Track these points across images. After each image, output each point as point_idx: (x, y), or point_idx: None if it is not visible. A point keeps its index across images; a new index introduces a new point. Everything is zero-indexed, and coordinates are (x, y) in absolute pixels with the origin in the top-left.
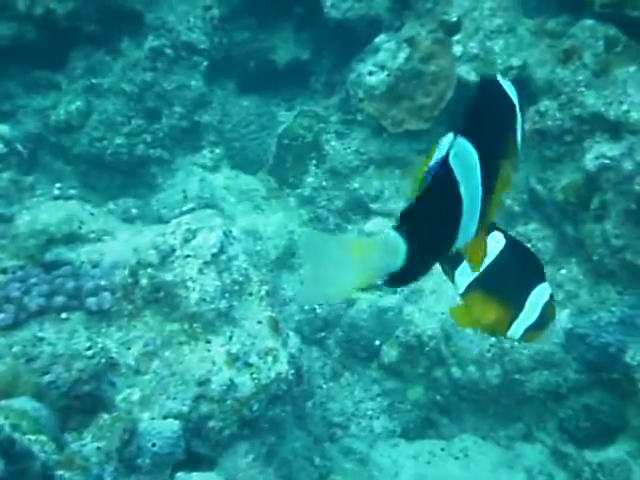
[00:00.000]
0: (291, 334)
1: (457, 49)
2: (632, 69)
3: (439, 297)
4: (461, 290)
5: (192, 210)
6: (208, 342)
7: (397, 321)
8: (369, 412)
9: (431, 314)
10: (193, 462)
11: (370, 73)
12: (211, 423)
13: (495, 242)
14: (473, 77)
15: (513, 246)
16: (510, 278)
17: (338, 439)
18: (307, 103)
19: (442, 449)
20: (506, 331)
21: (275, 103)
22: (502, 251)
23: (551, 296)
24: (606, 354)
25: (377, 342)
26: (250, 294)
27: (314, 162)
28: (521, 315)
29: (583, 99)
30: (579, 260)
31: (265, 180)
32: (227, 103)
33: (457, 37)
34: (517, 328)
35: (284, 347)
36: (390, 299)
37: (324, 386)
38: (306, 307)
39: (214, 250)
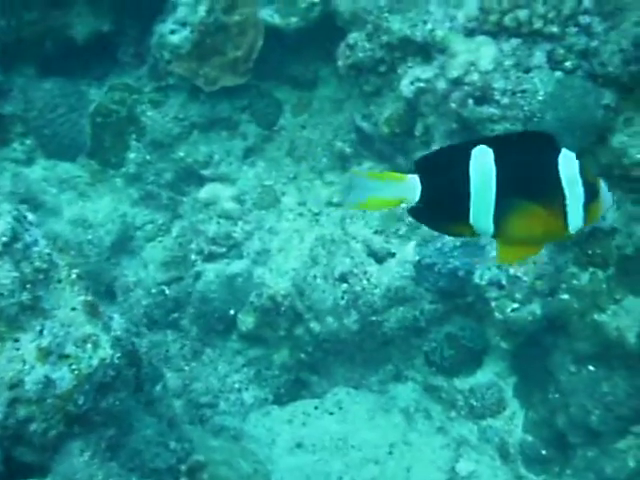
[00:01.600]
0: (115, 316)
1: None
2: None
3: (287, 254)
4: (490, 229)
5: None
6: (16, 341)
7: (248, 286)
8: (236, 385)
9: (282, 273)
10: (22, 472)
11: (172, 32)
12: (32, 426)
13: (482, 158)
14: (278, 20)
15: (502, 146)
16: (527, 178)
17: (208, 419)
18: (121, 78)
19: (316, 407)
20: (566, 229)
21: (85, 83)
22: (497, 161)
23: (578, 158)
24: (456, 279)
25: (232, 312)
26: (59, 281)
27: (134, 137)
28: (568, 202)
29: (389, 25)
30: None
31: (86, 164)
32: (29, 89)
33: None
34: (574, 217)
35: (106, 331)
36: (238, 264)
37: (186, 368)
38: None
39: (4, 239)
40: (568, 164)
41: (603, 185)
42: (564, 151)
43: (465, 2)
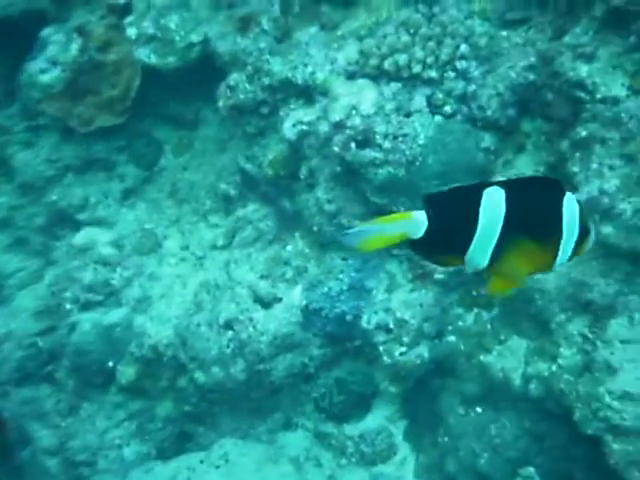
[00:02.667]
0: None
1: (131, 32)
2: (313, 30)
3: (169, 301)
4: (485, 262)
5: None
6: None
7: (128, 336)
8: (117, 441)
9: (164, 321)
10: None
11: (42, 71)
12: None
13: (493, 197)
14: (154, 60)
15: (514, 188)
16: (533, 217)
17: (86, 478)
18: None
19: (201, 461)
20: (553, 263)
21: None
22: (507, 200)
23: (577, 201)
24: (344, 323)
25: (110, 363)
26: None
27: (3, 179)
28: (563, 240)
29: (269, 67)
30: (302, 233)
31: None
32: None
33: (129, 19)
34: (564, 253)
35: None
36: (116, 313)
37: (62, 424)
38: None
39: None
40: (570, 206)
41: (592, 224)
42: (568, 194)
43: (345, 45)
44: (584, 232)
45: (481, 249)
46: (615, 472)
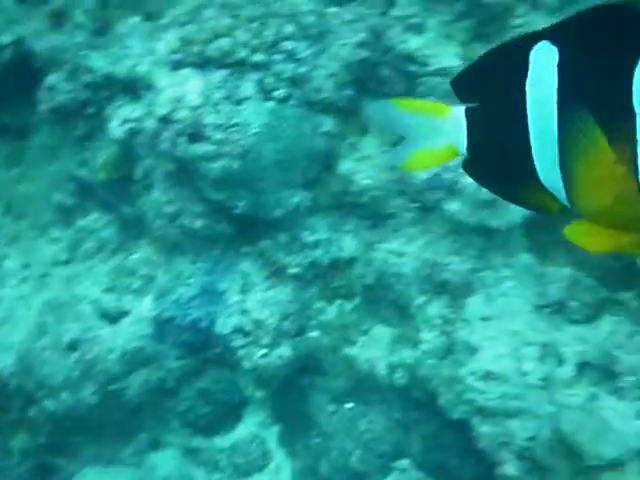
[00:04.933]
0: None
1: None
2: (135, 20)
3: (12, 326)
4: (560, 187)
5: None
6: None
7: None
8: None
9: (6, 348)
10: None
11: None
12: None
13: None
14: None
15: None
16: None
17: None
18: None
19: None
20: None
21: None
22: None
23: None
24: (199, 330)
25: None
26: None
27: None
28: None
29: (89, 63)
30: (148, 239)
31: None
32: None
33: None
34: None
35: None
36: None
37: None
38: None
39: None
40: None
41: None
42: None
43: (167, 34)
44: None
45: (546, 158)
46: (486, 455)
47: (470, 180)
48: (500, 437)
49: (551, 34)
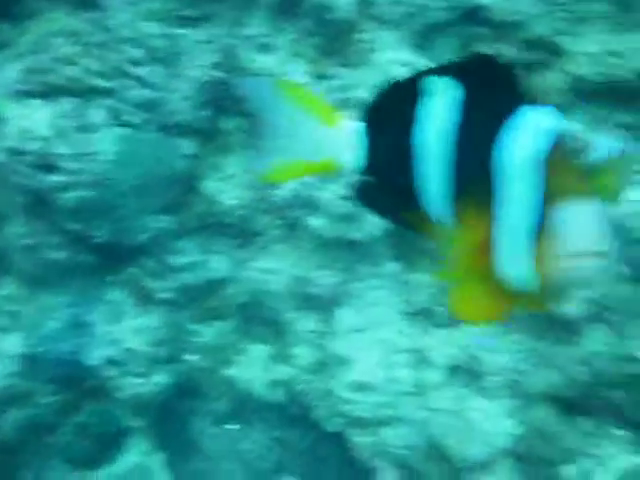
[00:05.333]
0: None
1: None
2: None
3: None
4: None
5: None
6: None
7: None
8: None
9: None
10: None
11: None
12: None
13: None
14: None
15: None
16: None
17: None
18: None
19: None
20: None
21: None
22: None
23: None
24: (70, 364)
25: None
26: None
27: None
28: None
29: None
30: (10, 274)
31: None
32: None
33: None
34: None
35: None
36: None
37: None
38: None
39: None
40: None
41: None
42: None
43: (12, 63)
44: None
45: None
46: (363, 465)
47: (329, 195)
48: (376, 446)
49: (441, 71)
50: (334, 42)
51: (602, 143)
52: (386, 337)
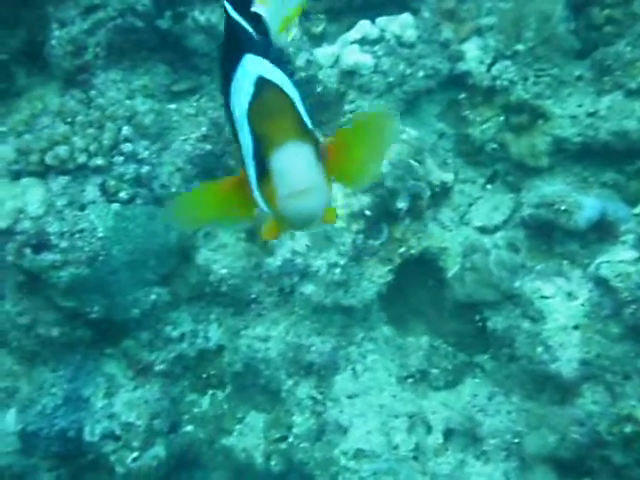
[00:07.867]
0: None
1: None
2: None
3: None
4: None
5: None
6: None
7: None
8: None
9: None
10: None
11: None
12: None
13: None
14: None
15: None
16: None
17: None
18: None
19: None
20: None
21: None
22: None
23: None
24: (68, 440)
25: None
26: None
27: None
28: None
29: None
30: (7, 352)
31: None
32: None
33: None
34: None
35: None
36: None
37: None
38: None
39: None
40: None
41: None
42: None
43: (3, 145)
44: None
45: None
46: None
47: (321, 262)
48: None
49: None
50: (323, 113)
51: (588, 203)
52: (383, 402)
